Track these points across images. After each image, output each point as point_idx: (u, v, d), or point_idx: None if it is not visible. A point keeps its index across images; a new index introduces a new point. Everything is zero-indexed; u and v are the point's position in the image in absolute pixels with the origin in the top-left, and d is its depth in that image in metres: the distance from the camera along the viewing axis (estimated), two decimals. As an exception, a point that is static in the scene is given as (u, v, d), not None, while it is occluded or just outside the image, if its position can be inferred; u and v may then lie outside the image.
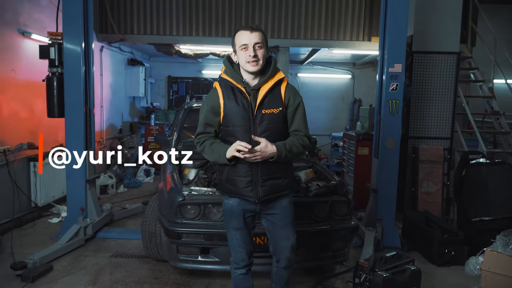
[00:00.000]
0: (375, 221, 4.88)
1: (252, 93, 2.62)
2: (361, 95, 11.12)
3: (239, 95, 2.62)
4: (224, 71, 2.71)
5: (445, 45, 6.05)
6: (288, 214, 2.81)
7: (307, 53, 9.39)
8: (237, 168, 2.64)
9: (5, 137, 5.09)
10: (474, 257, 3.76)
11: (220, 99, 2.65)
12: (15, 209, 5.07)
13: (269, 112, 2.61)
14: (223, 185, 2.76)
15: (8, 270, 3.88)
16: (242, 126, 2.60)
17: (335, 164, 8.71)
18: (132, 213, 5.91)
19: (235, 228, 2.80)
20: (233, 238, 2.83)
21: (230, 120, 2.63)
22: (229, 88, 2.66)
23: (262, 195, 2.66)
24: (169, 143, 5.08)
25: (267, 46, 2.64)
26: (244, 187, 2.65)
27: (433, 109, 6.11)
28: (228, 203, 2.79)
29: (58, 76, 4.80)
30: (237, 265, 2.88)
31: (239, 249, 2.82)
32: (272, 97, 2.64)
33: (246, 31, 2.56)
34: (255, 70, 2.57)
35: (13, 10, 5.27)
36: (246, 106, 2.60)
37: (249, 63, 2.55)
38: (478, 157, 5.07)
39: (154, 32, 7.60)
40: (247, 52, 2.54)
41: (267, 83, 2.63)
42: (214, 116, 2.68)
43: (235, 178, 2.67)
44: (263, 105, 2.61)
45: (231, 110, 2.62)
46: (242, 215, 2.76)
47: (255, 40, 2.54)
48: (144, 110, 10.72)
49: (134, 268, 4.13)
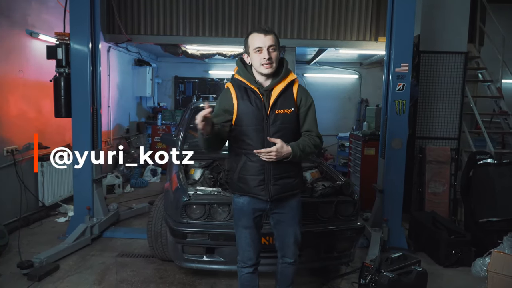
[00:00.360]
0: (381, 221, 4.85)
1: (265, 93, 2.66)
2: (368, 95, 11.08)
3: (252, 95, 2.66)
4: (236, 72, 2.74)
5: (453, 45, 6.02)
6: (296, 214, 2.86)
7: (314, 53, 9.37)
8: (249, 167, 2.67)
9: (13, 137, 5.13)
10: (481, 259, 3.74)
11: (233, 99, 2.68)
12: (22, 209, 5.10)
13: (282, 112, 2.65)
14: (235, 184, 2.78)
15: (15, 269, 3.91)
16: (255, 125, 2.63)
17: (341, 165, 8.68)
18: (139, 212, 5.94)
19: (244, 227, 2.82)
20: (242, 237, 2.85)
21: (244, 120, 2.65)
22: (242, 89, 2.69)
23: (274, 193, 2.69)
24: (175, 143, 5.09)
25: (279, 48, 2.68)
26: (256, 186, 2.68)
27: (441, 109, 6.08)
28: (239, 202, 2.81)
29: (65, 76, 4.83)
30: (244, 264, 2.90)
31: (248, 248, 2.85)
32: (285, 98, 2.68)
33: (260, 34, 2.59)
34: (269, 72, 2.62)
35: (21, 11, 5.31)
36: (260, 106, 2.64)
37: (264, 65, 2.59)
38: (485, 158, 5.04)
39: (161, 33, 7.62)
40: (262, 54, 2.58)
41: (280, 84, 2.67)
42: (224, 115, 2.69)
43: (247, 177, 2.69)
44: (276, 105, 2.65)
45: (245, 110, 2.65)
46: (252, 213, 2.78)
47: (269, 43, 2.58)
48: (151, 110, 10.75)
49: (140, 268, 4.15)
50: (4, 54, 5.00)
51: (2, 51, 4.95)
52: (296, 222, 2.87)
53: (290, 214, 2.83)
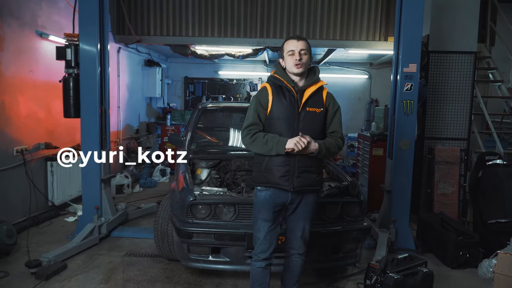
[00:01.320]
0: (389, 222, 4.82)
1: (299, 92, 2.93)
2: (378, 95, 11.03)
3: (287, 93, 2.93)
4: (275, 72, 3.02)
5: (462, 45, 5.95)
6: (311, 209, 3.06)
7: (323, 53, 9.36)
8: (276, 159, 2.88)
9: (23, 137, 5.20)
10: (488, 260, 3.70)
11: (269, 95, 2.95)
12: (32, 208, 5.18)
13: (312, 111, 2.93)
14: (261, 174, 2.96)
15: (23, 268, 3.95)
16: (287, 119, 2.89)
17: (350, 165, 8.66)
18: (147, 212, 5.98)
19: (263, 220, 2.99)
20: (260, 229, 3.01)
21: (276, 113, 2.91)
22: (278, 87, 2.96)
23: (297, 185, 2.89)
24: (182, 143, 5.11)
25: (310, 54, 2.97)
26: (281, 176, 2.88)
27: (450, 109, 6.01)
28: (261, 195, 2.99)
29: (74, 77, 4.87)
30: (257, 256, 3.04)
31: (264, 240, 3.00)
32: (315, 98, 2.96)
33: (294, 40, 2.93)
34: (300, 72, 2.90)
35: (32, 12, 5.38)
36: (293, 103, 2.90)
37: (295, 66, 2.88)
38: (495, 158, 4.99)
39: (170, 33, 7.67)
40: (294, 56, 2.88)
41: (312, 86, 2.96)
42: (262, 110, 2.95)
43: (273, 168, 2.89)
44: (307, 103, 2.92)
45: (279, 104, 2.91)
46: (272, 207, 2.96)
47: (300, 47, 2.89)
48: (161, 110, 10.82)
49: (147, 267, 4.17)
50: (15, 55, 5.07)
51: (12, 52, 5.02)
52: (307, 218, 3.05)
53: (304, 209, 3.01)
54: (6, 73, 4.93)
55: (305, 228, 3.06)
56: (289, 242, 3.13)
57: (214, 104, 6.19)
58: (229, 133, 5.35)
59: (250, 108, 2.99)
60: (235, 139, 5.21)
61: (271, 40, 7.66)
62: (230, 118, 5.81)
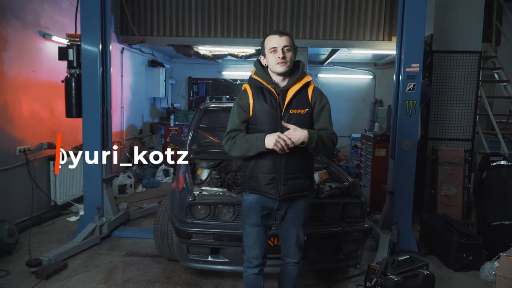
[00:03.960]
0: (391, 223, 4.78)
1: (281, 93, 2.72)
2: (382, 95, 10.96)
3: (268, 95, 2.72)
4: (254, 73, 2.81)
5: (467, 44, 5.90)
6: (303, 215, 2.87)
7: (327, 53, 9.31)
8: (261, 165, 2.71)
9: (25, 137, 5.21)
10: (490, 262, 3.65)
11: (250, 99, 2.75)
12: (34, 208, 5.20)
13: (297, 112, 2.70)
14: (246, 181, 2.83)
15: (24, 267, 3.96)
16: (269, 124, 2.68)
17: (354, 166, 8.61)
18: (149, 212, 5.97)
19: (252, 225, 2.84)
20: (249, 235, 2.87)
21: (259, 118, 2.72)
22: (259, 89, 2.76)
23: (283, 193, 2.71)
24: (184, 144, 5.11)
25: (294, 50, 2.75)
26: (267, 184, 2.71)
27: (454, 109, 5.96)
28: (248, 199, 2.85)
29: (76, 77, 4.88)
30: (249, 263, 2.90)
31: (254, 246, 2.86)
32: (299, 98, 2.74)
33: (276, 35, 2.69)
34: (283, 70, 2.68)
35: (35, 13, 5.39)
36: (275, 106, 2.70)
37: (278, 64, 2.66)
38: (499, 160, 4.93)
39: (173, 34, 7.68)
40: (276, 54, 2.66)
41: (296, 85, 2.73)
42: (244, 115, 2.76)
43: (258, 175, 2.73)
44: (291, 105, 2.70)
45: (260, 108, 2.71)
46: (260, 211, 2.81)
47: (283, 43, 2.66)
48: (165, 111, 10.82)
49: (147, 267, 4.17)
50: (17, 55, 5.08)
51: (15, 52, 5.04)
52: (300, 224, 2.87)
53: (296, 215, 2.84)
54: (9, 73, 4.94)
55: (299, 235, 2.88)
56: (284, 250, 2.96)
57: (216, 104, 6.17)
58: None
59: (232, 113, 2.80)
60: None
61: (274, 40, 7.62)
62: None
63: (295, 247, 2.90)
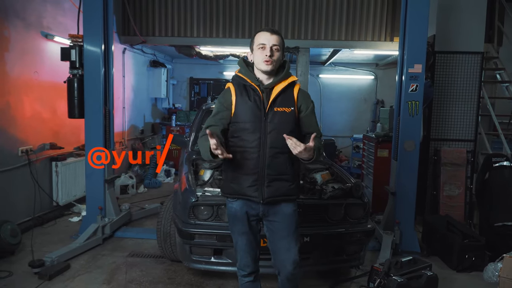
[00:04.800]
0: (394, 224, 4.78)
1: (265, 91, 2.64)
2: (384, 96, 10.96)
3: (251, 92, 2.65)
4: (238, 71, 2.75)
5: (469, 45, 5.89)
6: (291, 223, 2.70)
7: (329, 53, 9.30)
8: (243, 166, 2.61)
9: (27, 137, 5.22)
10: (493, 264, 3.65)
11: (232, 96, 2.67)
12: (36, 208, 5.20)
13: (281, 110, 2.62)
14: (228, 184, 2.72)
15: (26, 267, 3.96)
16: (252, 122, 2.60)
17: (356, 166, 8.60)
18: (151, 213, 5.98)
19: (240, 233, 2.75)
20: (238, 243, 2.78)
21: (241, 116, 2.62)
22: (242, 86, 2.68)
23: (267, 195, 2.60)
24: (186, 144, 5.11)
25: (283, 51, 2.70)
26: (249, 186, 2.60)
27: (456, 110, 5.95)
28: (232, 207, 2.74)
29: (78, 77, 4.88)
30: (243, 271, 2.83)
31: (244, 254, 2.78)
32: (285, 97, 2.66)
33: (267, 33, 2.63)
34: (268, 69, 2.61)
35: (37, 13, 5.39)
36: (259, 103, 2.61)
37: (264, 62, 2.59)
38: (502, 160, 4.93)
39: (175, 34, 7.67)
40: (264, 51, 2.59)
41: (281, 83, 2.66)
42: (224, 113, 2.67)
43: (240, 176, 2.63)
44: (275, 103, 2.63)
45: (243, 106, 2.63)
46: (246, 218, 2.71)
47: (273, 42, 2.60)
48: (166, 111, 10.83)
49: (149, 268, 4.17)
50: (20, 55, 5.08)
51: (17, 53, 5.04)
52: (291, 233, 2.69)
53: (284, 224, 2.69)
54: (11, 73, 4.94)
55: (290, 247, 2.67)
56: (278, 268, 2.75)
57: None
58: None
59: (213, 112, 2.73)
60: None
61: (275, 41, 7.61)
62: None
63: (290, 265, 2.67)
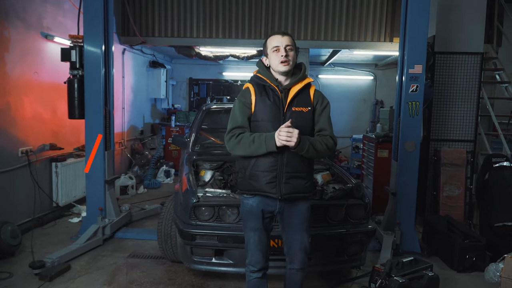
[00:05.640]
0: (394, 225, 4.79)
1: (284, 91, 2.73)
2: (383, 96, 10.98)
3: (271, 92, 2.74)
4: (257, 72, 2.83)
5: (469, 46, 5.90)
6: (304, 219, 2.83)
7: (328, 54, 9.32)
8: (262, 163, 2.68)
9: (27, 138, 5.21)
10: (494, 264, 3.66)
11: (252, 96, 2.76)
12: (36, 209, 5.19)
13: (299, 110, 2.72)
14: (246, 182, 2.77)
15: (27, 269, 3.96)
16: (271, 121, 2.68)
17: (355, 167, 8.60)
18: (151, 213, 5.98)
19: (253, 229, 2.81)
20: (250, 240, 2.84)
21: (260, 115, 2.72)
22: (261, 87, 2.77)
23: (285, 192, 2.68)
24: (186, 145, 5.10)
25: (296, 50, 2.78)
26: (268, 183, 2.67)
27: (456, 111, 5.97)
28: (248, 203, 2.80)
29: (79, 78, 4.87)
30: (252, 267, 2.87)
31: (256, 251, 2.83)
32: (302, 97, 2.76)
33: (278, 35, 2.73)
34: (286, 69, 2.69)
35: (37, 14, 5.38)
36: (278, 103, 2.71)
37: (281, 63, 2.67)
38: (501, 161, 4.93)
39: (175, 35, 7.68)
40: (279, 53, 2.68)
41: (298, 84, 2.75)
42: (247, 111, 2.76)
43: (258, 173, 2.69)
44: (293, 103, 2.72)
45: (262, 105, 2.72)
46: (261, 215, 2.78)
47: (286, 42, 2.69)
48: (166, 111, 10.83)
49: (150, 269, 4.16)
50: (20, 56, 5.07)
51: (18, 54, 5.03)
52: (304, 228, 2.83)
53: (298, 219, 2.81)
54: (11, 74, 4.93)
55: (304, 241, 2.84)
56: (289, 255, 2.91)
57: (218, 105, 6.16)
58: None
59: (234, 111, 2.79)
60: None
61: (275, 41, 7.61)
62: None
63: (300, 253, 2.86)
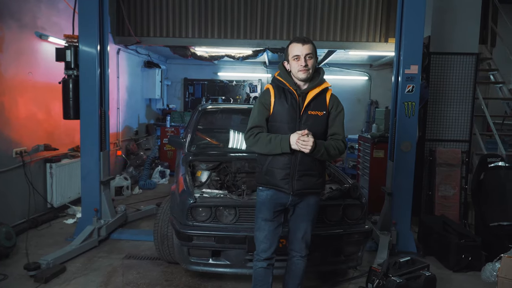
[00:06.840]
0: (390, 225, 4.79)
1: (301, 95, 2.90)
2: (378, 96, 11.01)
3: (289, 95, 2.90)
4: (278, 74, 2.99)
5: (464, 46, 5.93)
6: (312, 212, 3.04)
7: (323, 54, 9.32)
8: (277, 161, 2.87)
9: (22, 139, 5.17)
10: (491, 264, 3.67)
11: (271, 97, 2.93)
12: (31, 210, 5.16)
13: (314, 114, 2.89)
14: (262, 176, 2.97)
15: (22, 270, 3.92)
16: (288, 123, 2.87)
17: (350, 167, 8.62)
18: (146, 214, 5.95)
19: (264, 219, 2.99)
20: (260, 229, 3.01)
21: (278, 117, 2.90)
22: (281, 89, 2.94)
23: (297, 188, 2.88)
24: (182, 145, 5.08)
25: (316, 56, 2.92)
26: (282, 179, 2.88)
27: (451, 111, 5.99)
28: (262, 195, 2.99)
29: (73, 78, 4.84)
30: (258, 256, 3.03)
31: (264, 239, 2.99)
32: (318, 101, 2.92)
33: (298, 44, 2.85)
34: (305, 77, 2.86)
35: (31, 14, 5.35)
36: (295, 106, 2.87)
37: (301, 71, 2.84)
38: (497, 161, 4.96)
39: (170, 35, 7.65)
40: (299, 62, 2.83)
41: (316, 89, 2.91)
42: (266, 112, 2.93)
43: (274, 170, 2.89)
44: (309, 106, 2.89)
45: (280, 107, 2.89)
46: (273, 207, 2.96)
47: (306, 51, 2.83)
48: (160, 112, 10.80)
49: (146, 270, 4.14)
50: (14, 56, 5.04)
51: (12, 54, 4.99)
52: (309, 220, 3.03)
53: (306, 210, 3.00)
54: (5, 74, 4.90)
55: (307, 230, 3.04)
56: (290, 243, 3.12)
57: (214, 105, 6.15)
58: (229, 135, 5.31)
59: (254, 110, 2.98)
60: (235, 141, 5.18)
61: (271, 42, 7.65)
62: (230, 120, 5.76)
63: (301, 241, 3.05)
